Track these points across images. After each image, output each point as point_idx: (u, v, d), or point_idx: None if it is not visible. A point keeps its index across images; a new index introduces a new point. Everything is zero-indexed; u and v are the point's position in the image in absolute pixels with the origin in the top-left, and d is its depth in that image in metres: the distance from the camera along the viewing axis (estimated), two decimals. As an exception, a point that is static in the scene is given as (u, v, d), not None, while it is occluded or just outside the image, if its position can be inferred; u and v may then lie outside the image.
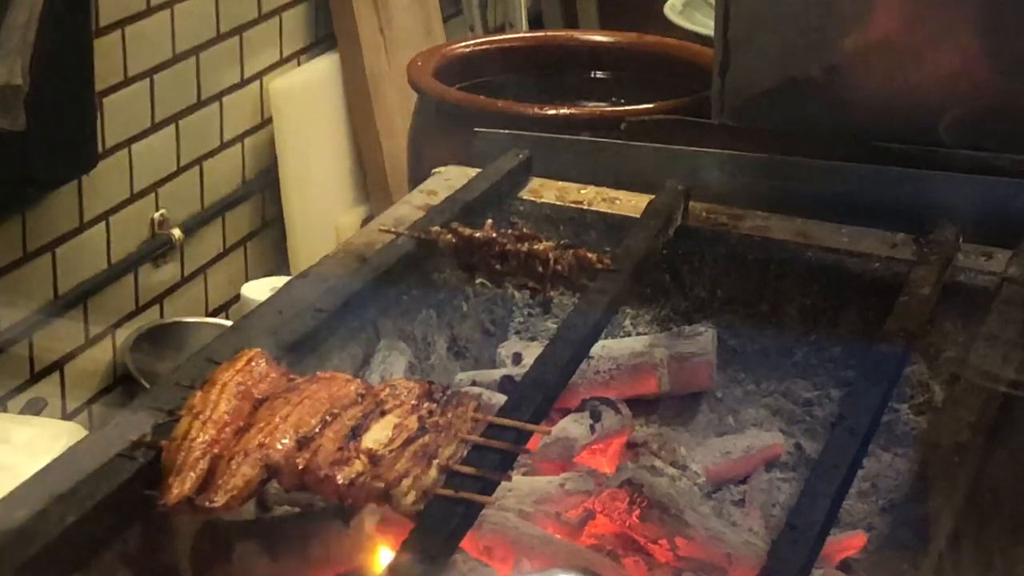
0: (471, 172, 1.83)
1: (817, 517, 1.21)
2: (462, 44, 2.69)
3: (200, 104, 2.87)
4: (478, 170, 1.82)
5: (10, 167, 2.33)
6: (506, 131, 1.90)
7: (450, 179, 1.83)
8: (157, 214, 2.79)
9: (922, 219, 1.68)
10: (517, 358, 1.71)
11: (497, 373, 1.67)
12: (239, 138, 3.00)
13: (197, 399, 1.27)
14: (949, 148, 1.79)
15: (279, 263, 3.13)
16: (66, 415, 2.61)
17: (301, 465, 1.20)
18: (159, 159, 2.78)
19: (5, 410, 2.46)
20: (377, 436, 1.23)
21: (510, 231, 1.56)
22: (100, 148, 2.58)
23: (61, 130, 2.39)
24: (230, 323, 2.23)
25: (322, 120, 3.12)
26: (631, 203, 1.77)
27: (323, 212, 3.12)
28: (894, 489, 1.54)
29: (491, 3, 3.66)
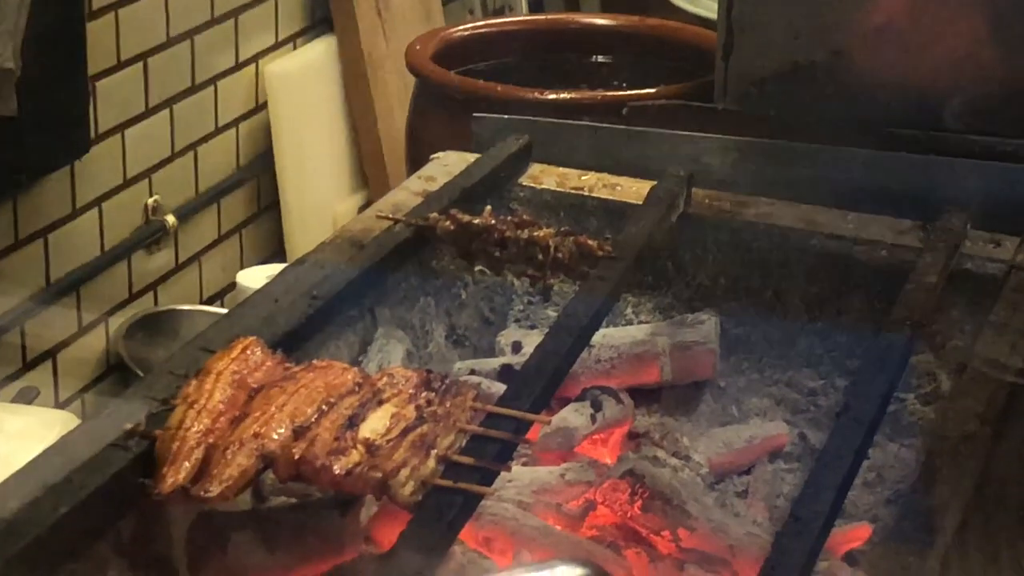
0: (470, 158, 1.82)
1: (822, 508, 1.20)
2: (461, 27, 2.68)
3: (194, 88, 2.85)
4: (477, 156, 1.82)
5: (1, 152, 2.32)
6: (506, 116, 1.89)
7: (449, 165, 1.82)
8: (151, 200, 2.78)
9: (929, 206, 1.67)
10: (517, 347, 1.70)
11: (496, 362, 1.66)
12: (234, 123, 2.99)
13: (191, 388, 1.26)
14: (956, 133, 1.78)
15: (275, 250, 3.11)
16: (59, 404, 2.60)
17: (297, 455, 1.19)
18: (153, 144, 2.77)
19: (-3, 398, 2.45)
20: (374, 426, 1.22)
21: (510, 218, 1.55)
22: (93, 133, 2.56)
23: (53, 115, 2.38)
24: (225, 311, 2.21)
25: (319, 105, 3.10)
26: (633, 189, 1.77)
27: (320, 198, 3.11)
28: (900, 480, 1.53)
29: (491, -14, 3.64)
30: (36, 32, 2.21)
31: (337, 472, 1.18)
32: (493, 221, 1.54)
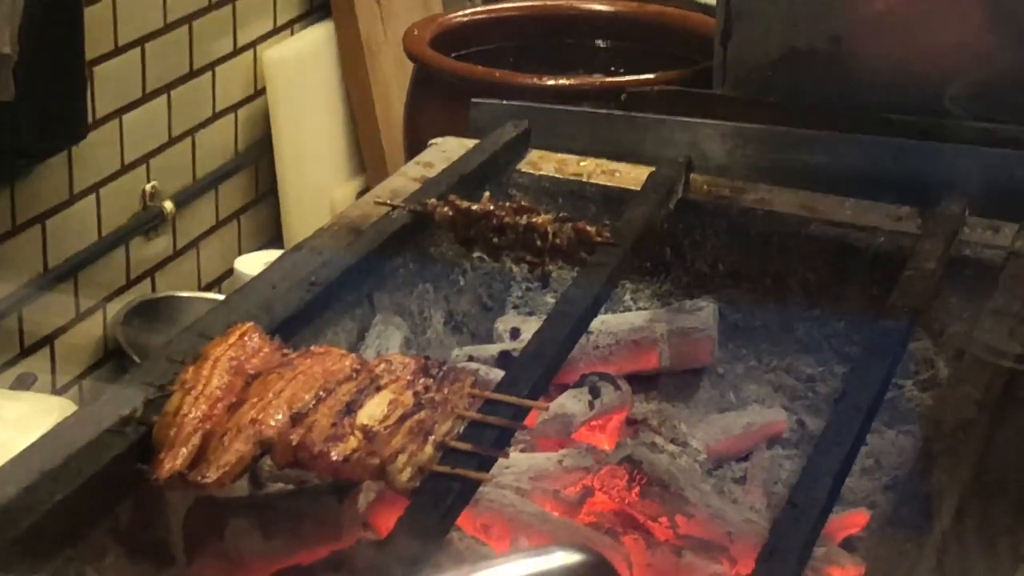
0: (468, 143, 1.82)
1: (819, 495, 1.20)
2: (460, 13, 2.67)
3: (192, 74, 2.84)
4: (475, 141, 1.81)
5: (-2, 137, 2.31)
6: (504, 102, 1.89)
7: (447, 151, 1.82)
8: (148, 186, 2.77)
9: (928, 192, 1.66)
10: (515, 333, 1.70)
11: (494, 348, 1.66)
12: (232, 109, 2.98)
13: (189, 374, 1.25)
14: (955, 119, 1.78)
15: (273, 236, 3.11)
16: (56, 390, 2.59)
17: (295, 441, 1.19)
18: (150, 130, 2.76)
19: (-5, 385, 2.45)
20: (372, 412, 1.22)
21: (508, 204, 1.55)
22: (90, 118, 2.56)
23: (50, 100, 2.37)
24: (223, 297, 2.21)
25: (317, 90, 3.10)
26: (631, 175, 1.76)
27: (318, 184, 3.10)
28: (898, 466, 1.53)
29: (488, -28, 3.63)
30: (33, 17, 2.21)
31: (335, 458, 1.18)
32: (491, 207, 1.54)
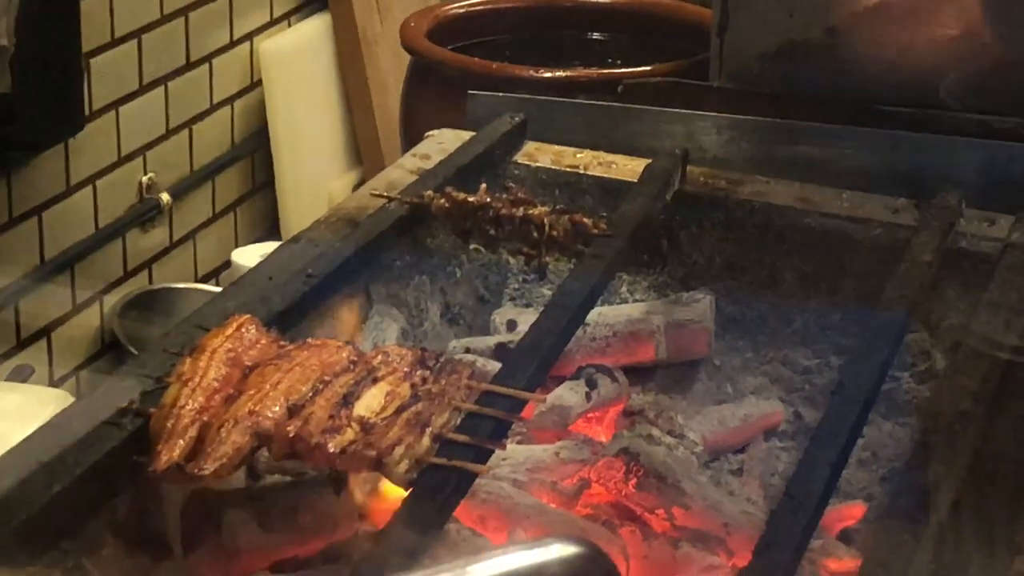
0: (465, 135, 1.81)
1: (816, 486, 1.20)
2: (456, 5, 2.67)
3: (189, 66, 2.84)
4: (472, 133, 1.81)
5: (-5, 129, 2.31)
6: (501, 94, 1.88)
7: (444, 142, 1.82)
8: (145, 178, 2.77)
9: (924, 183, 1.66)
10: (512, 325, 1.70)
11: (491, 340, 1.65)
12: (229, 100, 2.98)
13: (186, 366, 1.25)
14: (952, 111, 1.78)
15: (270, 228, 3.11)
16: (53, 382, 2.59)
17: (292, 433, 1.19)
18: (147, 122, 2.76)
19: (-8, 377, 2.44)
20: (369, 404, 1.22)
21: (505, 196, 1.55)
22: (87, 110, 2.55)
23: (47, 92, 2.37)
24: (219, 289, 2.21)
25: (313, 82, 3.09)
26: (628, 167, 1.76)
27: (314, 176, 3.10)
28: (894, 458, 1.53)
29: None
30: (30, 9, 2.20)
31: (332, 450, 1.18)
32: (488, 199, 1.53)
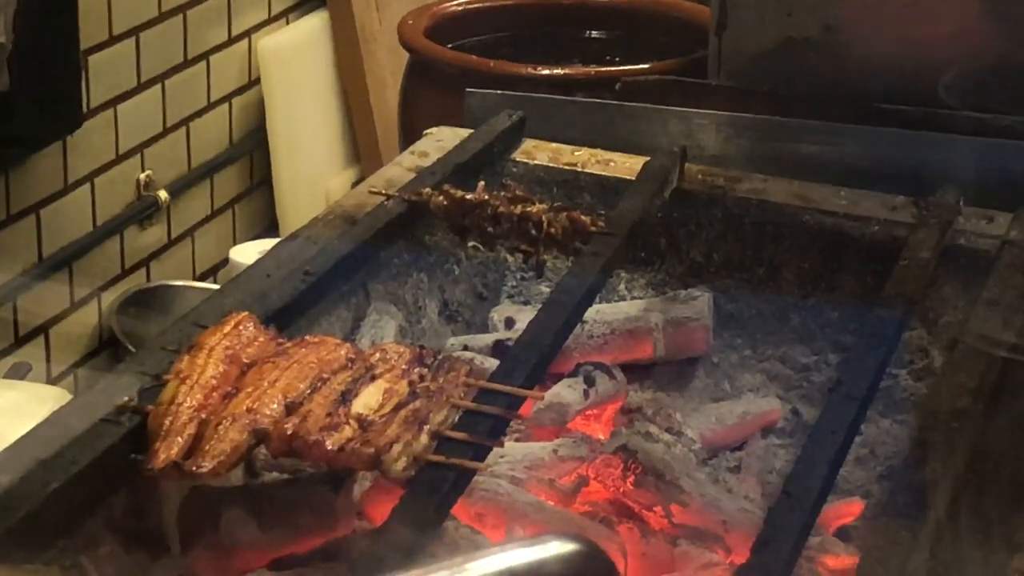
0: (463, 133, 1.81)
1: (814, 484, 1.20)
2: (455, 2, 2.67)
3: (187, 63, 2.84)
4: (470, 131, 1.81)
5: (-7, 126, 2.31)
6: (499, 91, 1.88)
7: (442, 140, 1.82)
8: (143, 175, 2.77)
9: (922, 181, 1.66)
10: (510, 322, 1.70)
11: (489, 338, 1.65)
12: (227, 98, 2.97)
13: (184, 363, 1.25)
14: (950, 109, 1.78)
15: (268, 225, 3.11)
16: (51, 379, 2.59)
17: (290, 430, 1.19)
18: (145, 119, 2.75)
19: (-11, 374, 2.44)
20: (367, 401, 1.22)
21: (503, 193, 1.55)
22: (85, 108, 2.55)
23: (45, 89, 2.37)
24: (217, 286, 2.21)
25: (311, 80, 3.09)
26: (626, 165, 1.76)
27: (312, 174, 3.10)
28: (892, 456, 1.53)
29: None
30: (28, 6, 2.20)
31: (329, 448, 1.18)
32: (486, 196, 1.53)
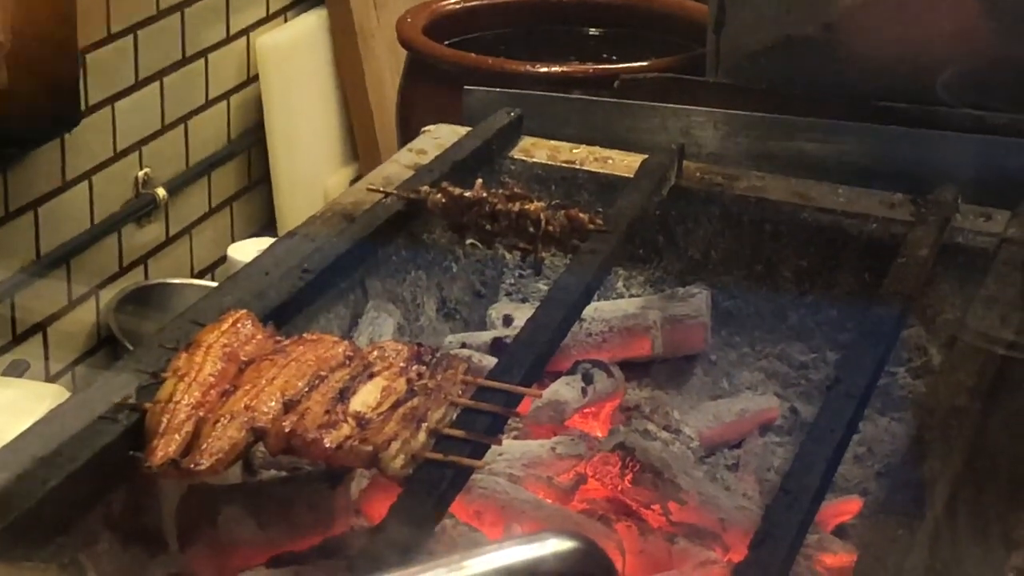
0: (461, 131, 1.81)
1: (812, 482, 1.20)
2: (452, 0, 2.66)
3: (185, 61, 2.84)
4: (468, 129, 1.81)
5: (-9, 124, 2.31)
6: (497, 89, 1.88)
7: (440, 138, 1.81)
8: (141, 173, 2.77)
9: (921, 179, 1.66)
10: (508, 320, 1.70)
11: (487, 335, 1.65)
12: (225, 96, 2.97)
13: (182, 361, 1.25)
14: (948, 107, 1.78)
15: (266, 223, 3.11)
16: (49, 377, 2.59)
17: (288, 428, 1.19)
18: (143, 117, 2.75)
19: (-13, 371, 2.44)
20: (365, 399, 1.22)
21: (501, 191, 1.55)
22: (83, 106, 2.55)
23: (43, 87, 2.36)
24: (215, 284, 2.21)
25: (310, 78, 3.09)
26: (624, 163, 1.76)
27: (311, 171, 3.09)
28: (890, 453, 1.53)
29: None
30: (26, 4, 2.20)
31: (328, 445, 1.18)
32: (484, 194, 1.53)
